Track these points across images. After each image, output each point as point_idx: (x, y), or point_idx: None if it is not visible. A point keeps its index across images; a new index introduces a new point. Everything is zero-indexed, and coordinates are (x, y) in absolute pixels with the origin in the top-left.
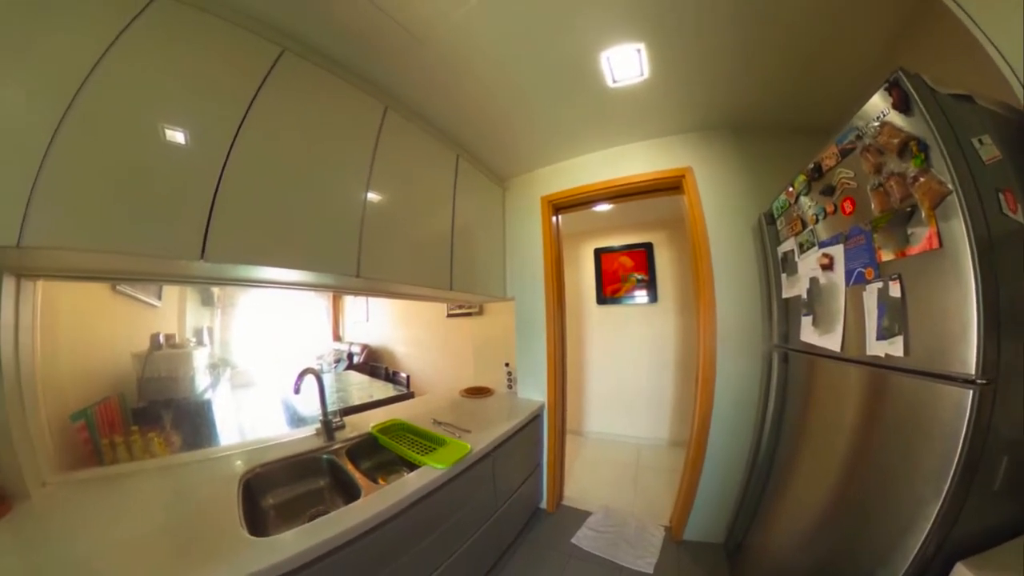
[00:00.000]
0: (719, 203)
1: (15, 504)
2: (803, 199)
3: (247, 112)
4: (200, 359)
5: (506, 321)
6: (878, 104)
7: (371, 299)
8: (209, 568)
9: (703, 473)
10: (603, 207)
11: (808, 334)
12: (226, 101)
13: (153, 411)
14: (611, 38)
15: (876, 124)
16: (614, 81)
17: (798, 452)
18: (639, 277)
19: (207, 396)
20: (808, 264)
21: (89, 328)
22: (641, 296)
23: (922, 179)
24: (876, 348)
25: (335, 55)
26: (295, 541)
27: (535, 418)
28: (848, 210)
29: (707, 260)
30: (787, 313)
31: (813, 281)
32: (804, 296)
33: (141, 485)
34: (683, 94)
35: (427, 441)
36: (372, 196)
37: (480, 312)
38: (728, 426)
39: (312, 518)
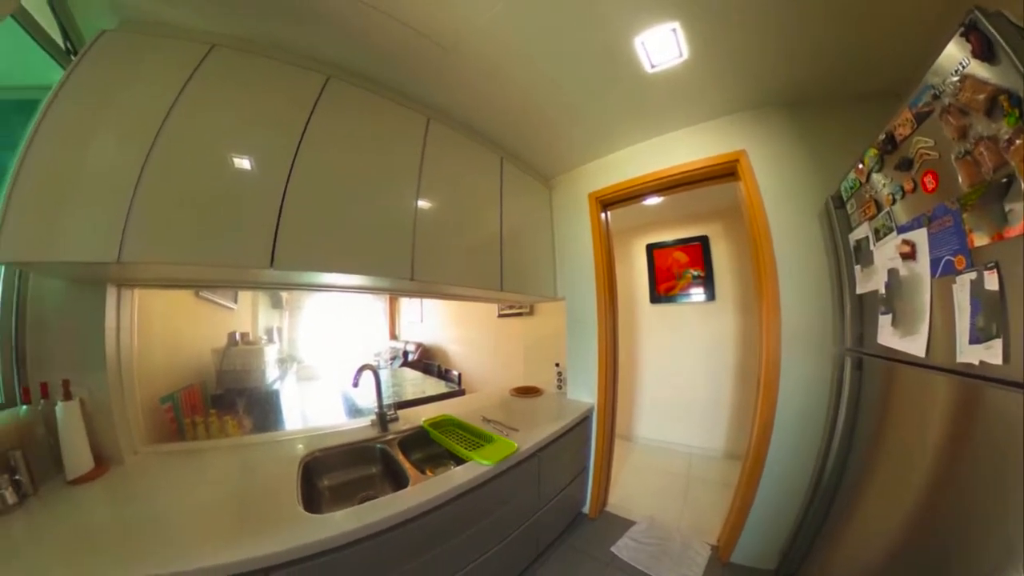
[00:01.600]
0: (779, 187)
1: (112, 467)
2: (876, 176)
3: (302, 136)
4: (270, 354)
5: (557, 321)
6: (954, 55)
7: (425, 300)
8: (267, 536)
9: (759, 490)
10: (653, 200)
11: (887, 336)
12: (283, 129)
13: (228, 398)
14: (643, 20)
15: (955, 79)
16: (652, 66)
17: (870, 474)
18: (695, 273)
19: (275, 386)
20: (886, 253)
21: (176, 328)
22: (697, 294)
23: (1019, 141)
24: (969, 354)
25: (374, 76)
26: (344, 520)
27: (584, 420)
28: (930, 186)
29: (769, 252)
30: (862, 311)
31: (892, 273)
32: (882, 291)
33: (215, 459)
34: (727, 71)
35: (475, 437)
36: (422, 203)
37: (531, 312)
38: (791, 439)
39: (362, 501)
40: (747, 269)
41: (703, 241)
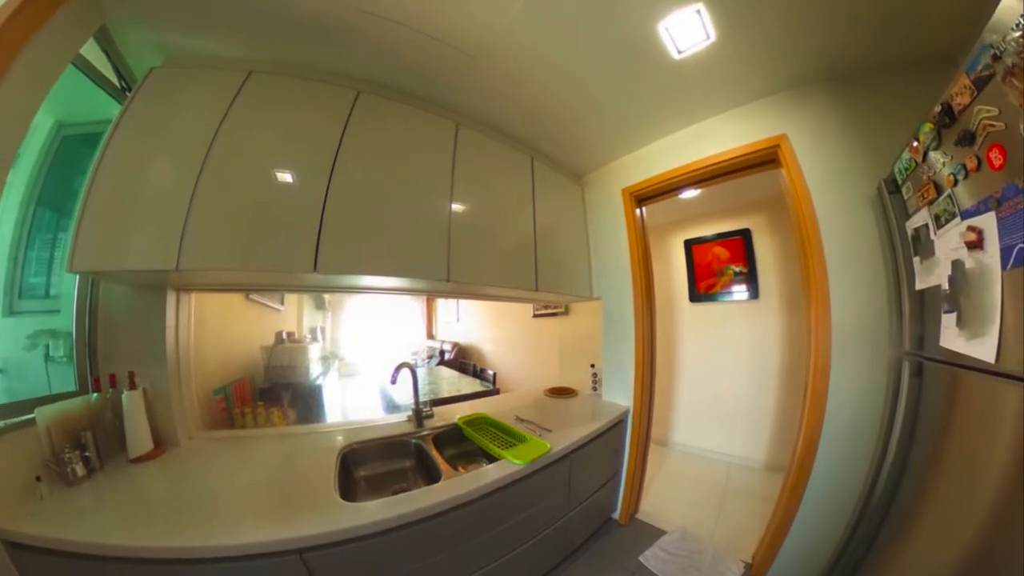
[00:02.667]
0: (825, 172)
1: (168, 449)
2: (933, 155)
3: (338, 148)
4: (313, 352)
5: (593, 321)
6: (1014, 6)
7: (461, 301)
8: (304, 518)
9: (801, 508)
10: (690, 193)
11: (950, 338)
12: (320, 142)
13: (275, 391)
14: (665, 5)
15: (1017, 35)
16: (679, 52)
17: (926, 498)
18: (737, 270)
19: (318, 382)
20: (948, 242)
21: (229, 327)
22: (740, 291)
23: None
24: None
25: (402, 87)
26: (377, 510)
27: (618, 423)
28: (997, 163)
29: (816, 245)
30: (922, 310)
31: (956, 265)
32: (945, 286)
33: (261, 447)
34: (759, 50)
35: (508, 436)
36: (456, 207)
37: (566, 312)
38: (839, 453)
39: (395, 492)
40: (793, 264)
41: (745, 235)
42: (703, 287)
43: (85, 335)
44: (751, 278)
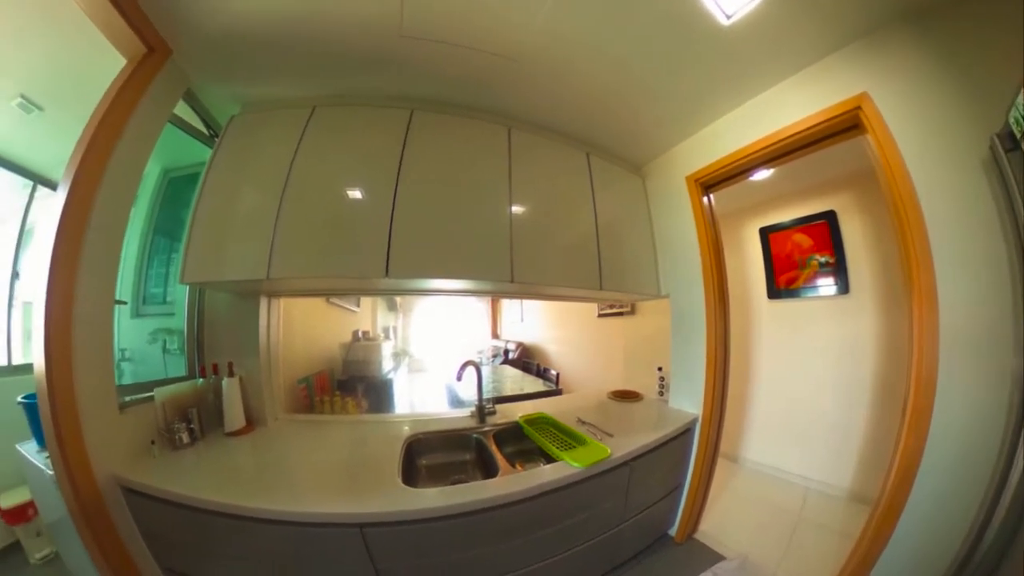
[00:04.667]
0: (921, 132)
1: (257, 427)
2: None
3: (400, 163)
4: (386, 349)
5: (660, 321)
6: None
7: (525, 301)
8: (368, 497)
9: (886, 551)
10: (762, 175)
11: None
12: (383, 160)
13: (351, 383)
14: None
15: None
16: (727, 17)
17: None
18: (822, 260)
19: (389, 376)
20: None
21: (312, 326)
22: (826, 286)
23: None
24: None
25: (451, 99)
26: (435, 497)
27: (685, 432)
28: None
29: (917, 224)
30: None
31: None
32: None
33: (335, 431)
34: None
35: (568, 438)
36: (516, 209)
37: (632, 311)
38: (941, 488)
39: (453, 483)
40: (891, 250)
41: (830, 218)
42: (783, 281)
43: (194, 332)
44: (839, 269)
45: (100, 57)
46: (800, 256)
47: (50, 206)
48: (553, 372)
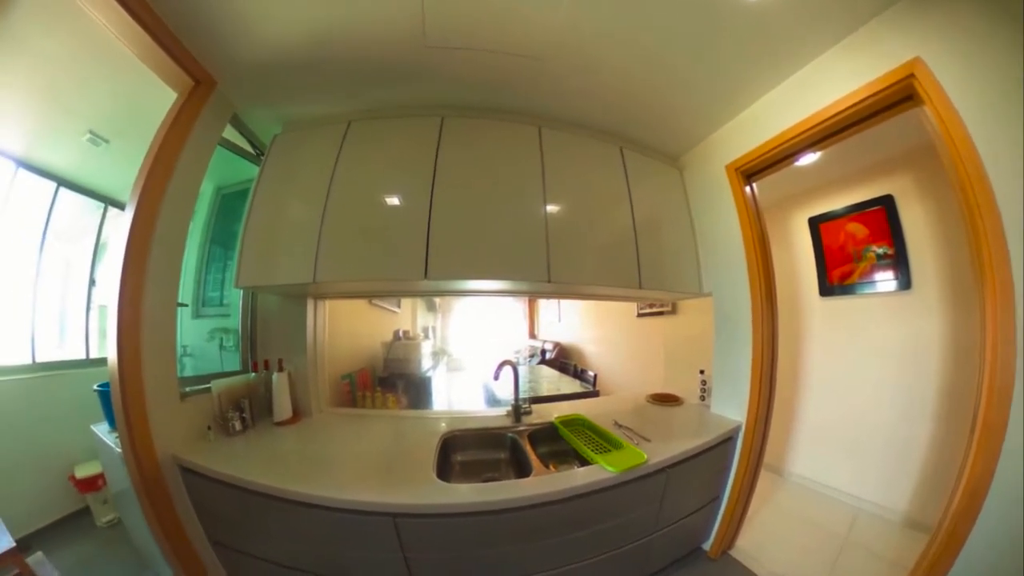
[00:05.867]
0: (987, 100)
1: (303, 418)
2: None
3: (434, 169)
4: (425, 348)
5: (703, 321)
6: None
7: (562, 301)
8: (402, 488)
9: None
10: (808, 159)
11: None
12: (418, 167)
13: (391, 380)
14: None
15: None
16: None
17: None
18: (880, 251)
19: (428, 374)
20: None
21: (355, 326)
22: (885, 280)
23: None
24: None
25: (479, 103)
26: (467, 493)
27: (727, 440)
28: None
29: (988, 206)
30: None
31: None
32: None
33: (375, 424)
34: None
35: (604, 441)
36: (551, 208)
37: (673, 311)
38: (1014, 516)
39: (486, 480)
40: (959, 238)
41: (887, 203)
42: (837, 276)
43: (247, 331)
44: (900, 261)
45: (154, 92)
46: (855, 248)
47: (120, 224)
48: (591, 373)
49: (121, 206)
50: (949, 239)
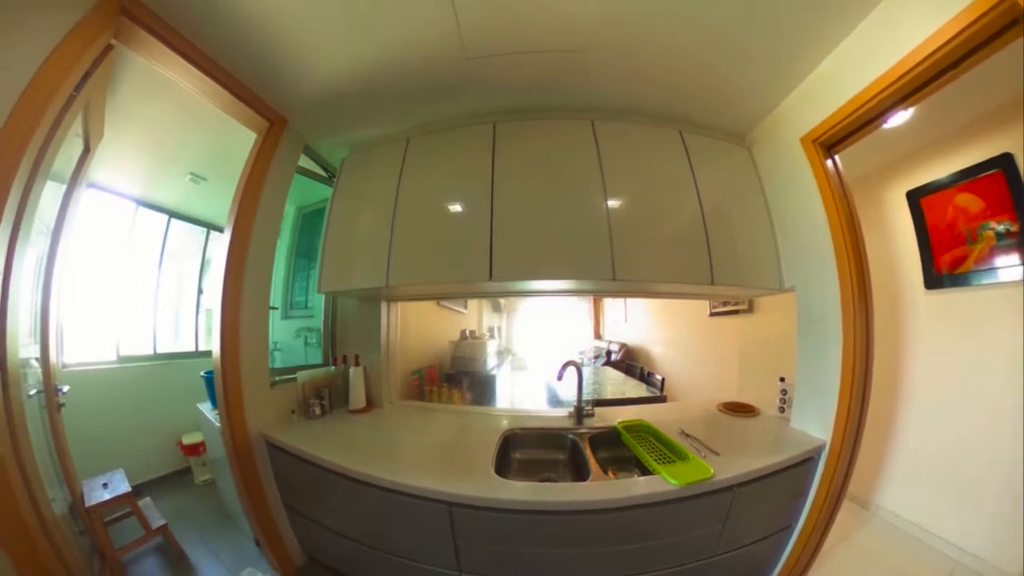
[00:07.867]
0: None
1: (375, 408)
2: None
3: (492, 174)
4: (491, 347)
5: (784, 320)
6: None
7: (629, 301)
8: (461, 479)
9: None
10: (898, 118)
11: None
12: (477, 173)
13: (457, 377)
14: None
15: None
16: None
17: None
18: (1000, 228)
19: (493, 372)
20: None
21: (425, 326)
22: (1010, 266)
23: None
24: None
25: (527, 105)
26: (523, 491)
27: (807, 461)
28: None
29: None
30: None
31: None
32: None
33: (440, 418)
34: None
35: (668, 451)
36: (612, 202)
37: (749, 309)
38: None
39: (543, 480)
40: None
41: (1005, 164)
42: (946, 263)
43: (329, 330)
44: None
45: (238, 135)
46: (968, 226)
47: (219, 244)
48: (658, 377)
49: (220, 229)
50: None
